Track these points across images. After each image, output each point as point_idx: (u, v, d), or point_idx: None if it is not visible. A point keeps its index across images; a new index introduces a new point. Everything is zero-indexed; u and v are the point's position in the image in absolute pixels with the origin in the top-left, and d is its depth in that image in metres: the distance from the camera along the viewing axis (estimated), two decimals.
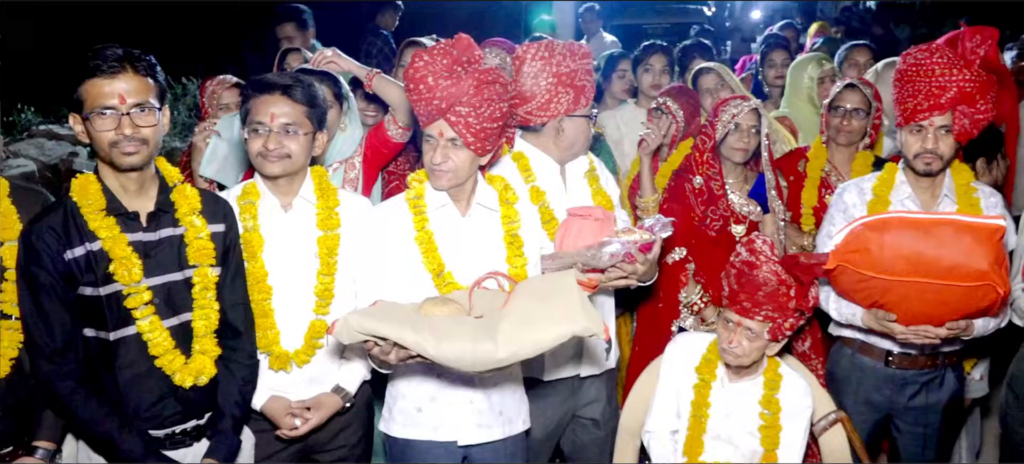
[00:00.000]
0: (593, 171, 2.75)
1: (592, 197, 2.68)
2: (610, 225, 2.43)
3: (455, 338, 1.91)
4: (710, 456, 2.43)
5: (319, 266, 2.30)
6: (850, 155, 3.19)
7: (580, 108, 2.57)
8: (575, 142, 2.62)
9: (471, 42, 2.27)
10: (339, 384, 2.35)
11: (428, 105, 2.18)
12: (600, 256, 2.29)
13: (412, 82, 2.19)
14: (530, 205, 2.54)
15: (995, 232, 2.20)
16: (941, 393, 2.63)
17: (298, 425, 2.26)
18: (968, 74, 2.40)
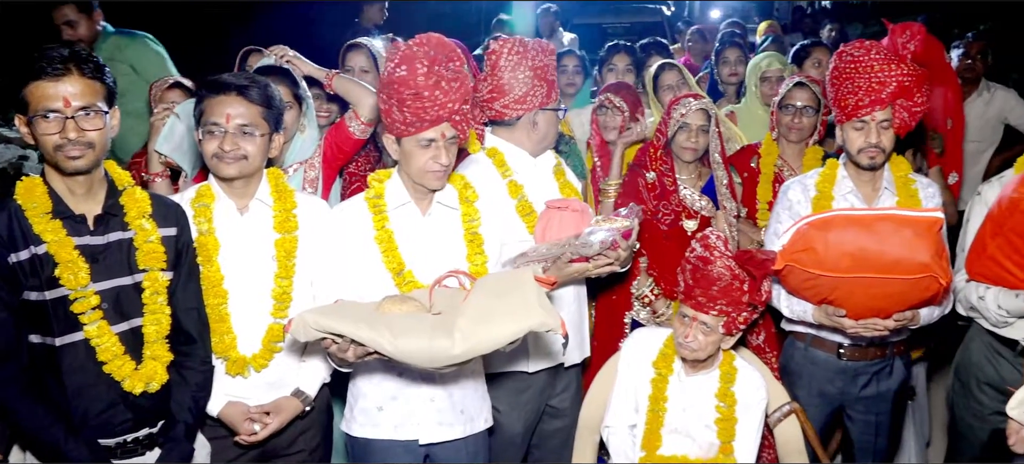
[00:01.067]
0: (560, 166, 2.79)
1: (560, 191, 2.71)
2: (587, 215, 2.47)
3: (412, 335, 1.91)
4: (668, 449, 2.45)
5: (277, 269, 2.27)
6: (800, 151, 3.26)
7: (552, 101, 2.62)
8: (547, 135, 2.66)
9: (451, 43, 2.30)
10: (299, 387, 2.32)
11: (439, 110, 2.20)
12: (590, 244, 2.32)
13: (420, 89, 2.18)
14: (508, 199, 2.57)
15: (934, 225, 2.25)
16: (891, 382, 2.69)
17: (257, 430, 2.23)
18: (905, 68, 2.45)
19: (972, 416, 2.66)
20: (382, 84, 2.25)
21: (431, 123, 2.21)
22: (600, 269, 2.41)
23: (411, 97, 2.18)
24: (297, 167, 2.95)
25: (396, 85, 2.19)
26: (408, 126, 2.21)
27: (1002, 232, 2.38)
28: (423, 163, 2.24)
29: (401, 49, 2.23)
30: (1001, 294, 2.45)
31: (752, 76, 4.09)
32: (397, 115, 2.21)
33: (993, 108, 4.47)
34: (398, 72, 2.19)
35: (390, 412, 2.31)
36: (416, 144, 2.24)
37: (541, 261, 2.35)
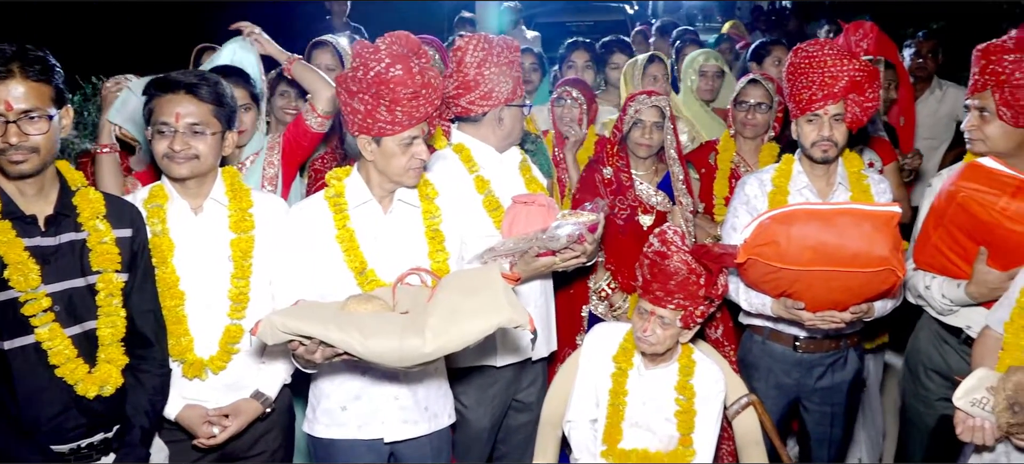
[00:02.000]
0: (525, 162, 2.81)
1: (527, 186, 2.73)
2: (554, 210, 2.49)
3: (382, 335, 1.92)
4: (629, 443, 2.47)
5: (233, 269, 2.25)
6: (756, 147, 3.32)
7: (517, 97, 2.63)
8: (512, 131, 2.68)
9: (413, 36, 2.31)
10: (259, 389, 2.30)
11: (427, 108, 2.21)
12: (557, 237, 2.34)
13: (417, 89, 2.17)
14: (475, 195, 2.58)
15: (892, 219, 2.31)
16: (845, 373, 2.75)
17: (216, 433, 2.21)
18: (857, 64, 2.51)
19: (920, 402, 2.72)
20: (365, 84, 2.16)
21: (418, 121, 2.21)
22: (567, 263, 2.44)
23: (408, 97, 2.16)
24: (254, 158, 2.92)
25: (391, 84, 2.15)
26: (395, 125, 2.19)
27: (942, 224, 2.45)
28: (405, 161, 2.24)
29: (383, 49, 2.20)
30: (945, 284, 2.52)
31: (689, 71, 4.15)
32: (384, 115, 2.17)
33: (945, 106, 4.59)
34: (392, 72, 2.15)
35: (354, 411, 2.30)
36: (399, 143, 2.23)
37: (509, 255, 2.37)
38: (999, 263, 2.35)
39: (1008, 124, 2.40)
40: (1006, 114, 2.39)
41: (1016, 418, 1.90)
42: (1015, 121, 2.38)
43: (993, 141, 2.44)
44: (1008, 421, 1.91)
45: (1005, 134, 2.42)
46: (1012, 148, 2.44)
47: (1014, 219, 2.27)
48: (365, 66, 2.17)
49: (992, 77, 2.40)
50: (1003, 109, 2.39)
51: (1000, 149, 2.44)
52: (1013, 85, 2.35)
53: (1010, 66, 2.37)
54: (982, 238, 2.37)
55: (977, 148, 2.49)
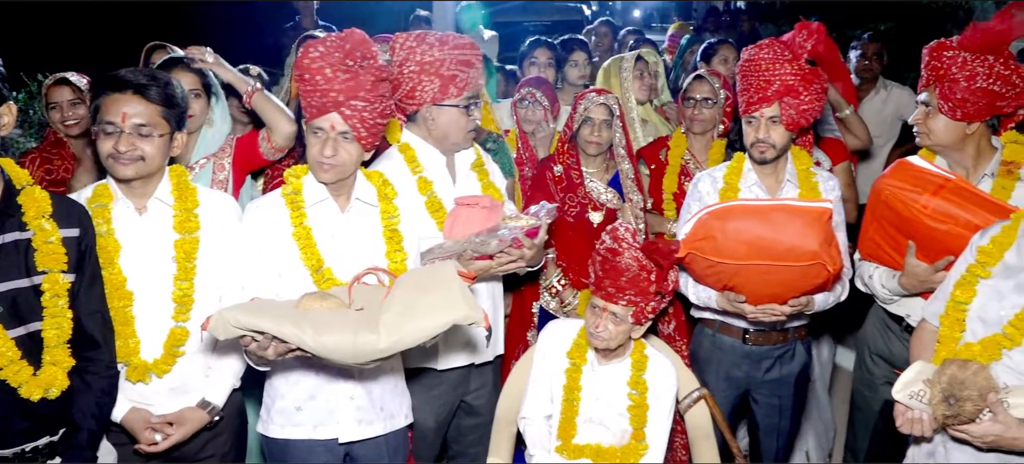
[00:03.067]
0: (481, 164, 2.78)
1: (482, 189, 2.71)
2: (497, 213, 2.49)
3: (336, 330, 1.90)
4: (583, 438, 2.50)
5: (176, 271, 2.21)
6: (706, 143, 3.39)
7: (448, 98, 2.54)
8: (448, 132, 2.61)
9: (365, 37, 2.26)
10: (205, 398, 2.26)
11: (323, 97, 2.16)
12: (488, 242, 2.34)
13: (307, 72, 2.15)
14: (417, 196, 2.56)
15: (822, 214, 2.37)
16: (793, 365, 2.82)
17: (158, 441, 2.17)
18: (790, 68, 2.56)
19: (865, 386, 2.83)
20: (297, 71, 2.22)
21: (319, 110, 2.19)
22: (504, 267, 2.43)
23: (305, 81, 2.17)
24: (204, 163, 2.89)
25: (296, 68, 2.19)
26: (306, 110, 2.21)
27: (876, 218, 2.55)
28: (314, 152, 2.23)
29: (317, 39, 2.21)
30: (884, 274, 2.62)
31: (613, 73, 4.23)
32: (302, 100, 2.21)
33: (890, 106, 4.71)
34: (300, 56, 2.19)
35: (309, 411, 2.29)
36: (310, 132, 2.23)
37: (446, 257, 2.36)
38: (926, 257, 2.44)
39: (948, 117, 2.47)
40: (945, 107, 2.46)
41: (950, 410, 1.96)
42: (952, 114, 2.46)
43: (937, 134, 2.51)
44: (943, 413, 1.97)
45: (947, 128, 2.49)
46: (955, 141, 2.51)
47: (933, 217, 2.36)
48: None
49: (934, 73, 2.48)
50: (942, 103, 2.46)
51: (944, 142, 2.52)
52: (950, 80, 2.43)
53: (948, 62, 2.45)
54: (907, 233, 2.46)
55: (923, 142, 2.56)
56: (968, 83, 2.42)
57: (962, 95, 2.43)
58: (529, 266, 2.56)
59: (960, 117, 2.47)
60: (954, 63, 2.44)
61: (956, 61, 2.44)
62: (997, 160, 2.54)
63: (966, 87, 2.43)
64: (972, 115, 2.46)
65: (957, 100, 2.44)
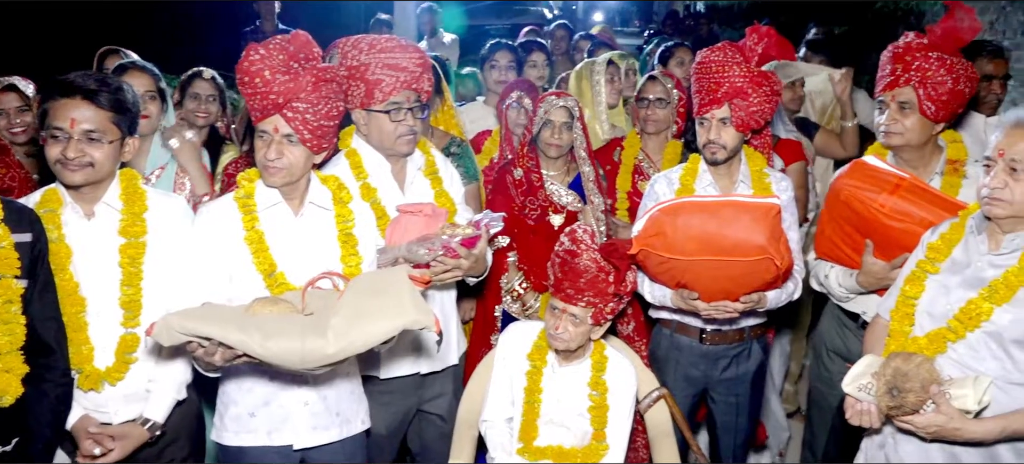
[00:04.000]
0: (433, 170, 2.72)
1: (435, 196, 2.67)
2: (438, 220, 2.47)
3: (283, 335, 1.89)
4: (544, 440, 2.51)
5: (122, 276, 2.18)
6: (661, 143, 3.43)
7: (374, 103, 2.50)
8: (382, 138, 2.56)
9: (309, 38, 2.24)
10: (145, 415, 2.22)
11: (263, 99, 2.14)
12: (417, 251, 2.33)
13: (246, 75, 2.13)
14: (362, 202, 2.53)
15: (770, 210, 2.41)
16: (749, 364, 2.86)
17: (96, 454, 2.12)
18: (739, 71, 2.61)
19: (823, 384, 2.88)
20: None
21: (262, 113, 2.17)
22: (440, 277, 2.42)
23: (246, 84, 2.15)
24: (160, 173, 2.87)
25: (237, 71, 2.16)
26: (251, 114, 2.19)
27: (833, 218, 2.60)
28: (260, 156, 2.21)
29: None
30: (841, 273, 2.68)
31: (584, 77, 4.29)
32: (246, 103, 2.19)
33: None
34: (240, 59, 2.16)
35: (263, 417, 2.27)
36: (257, 135, 2.21)
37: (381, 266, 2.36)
38: (883, 255, 2.50)
39: (929, 118, 2.52)
40: (930, 108, 2.50)
41: (894, 401, 2.01)
42: (935, 115, 2.51)
43: (910, 134, 2.55)
44: (887, 405, 2.03)
45: (922, 127, 2.54)
46: (923, 141, 2.57)
47: (891, 215, 2.42)
48: None
49: (917, 73, 2.51)
50: (928, 104, 2.50)
51: (915, 142, 2.57)
52: (936, 81, 2.48)
53: (933, 63, 2.49)
54: (866, 232, 2.51)
55: (892, 141, 2.59)
56: (953, 84, 2.48)
57: (946, 96, 2.49)
58: (473, 276, 2.55)
59: (940, 117, 2.52)
60: (939, 64, 2.49)
61: (941, 62, 2.49)
62: (943, 159, 2.62)
63: (951, 88, 2.48)
64: (946, 115, 2.53)
65: (941, 101, 2.49)
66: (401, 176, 2.67)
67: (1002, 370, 2.01)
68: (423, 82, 2.53)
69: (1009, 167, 1.98)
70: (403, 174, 2.67)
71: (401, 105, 2.51)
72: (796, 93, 4.03)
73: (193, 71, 3.43)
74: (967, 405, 1.96)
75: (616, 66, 4.11)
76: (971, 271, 2.10)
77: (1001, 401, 2.00)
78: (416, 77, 2.51)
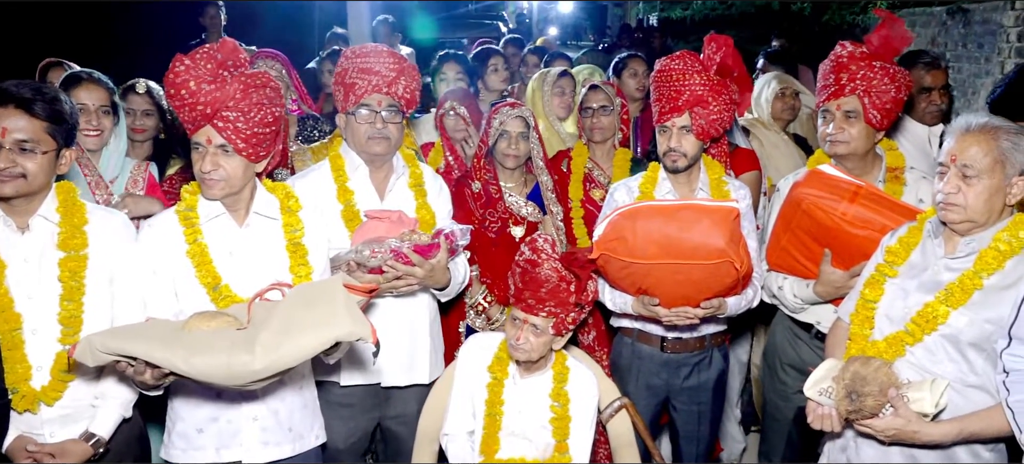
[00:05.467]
0: (420, 183, 2.70)
1: (417, 209, 2.65)
2: (401, 227, 2.43)
3: (209, 352, 1.81)
4: (506, 452, 2.47)
5: (62, 291, 2.08)
6: (608, 151, 3.44)
7: (349, 105, 2.54)
8: (355, 140, 2.57)
9: (236, 45, 2.18)
10: (89, 430, 2.12)
11: (192, 111, 2.07)
12: (363, 252, 2.28)
13: (172, 88, 2.06)
14: (336, 204, 2.51)
15: (729, 214, 2.42)
16: (710, 372, 2.86)
17: None
18: (699, 79, 2.62)
19: (778, 396, 2.88)
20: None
21: (193, 125, 2.11)
22: (391, 284, 2.38)
23: (173, 96, 2.08)
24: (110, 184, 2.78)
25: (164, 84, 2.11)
26: (184, 126, 2.13)
27: (790, 228, 2.60)
28: (197, 169, 2.15)
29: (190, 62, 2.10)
30: (796, 284, 2.68)
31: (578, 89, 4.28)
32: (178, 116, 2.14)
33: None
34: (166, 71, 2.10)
35: (211, 434, 2.19)
36: (193, 148, 2.15)
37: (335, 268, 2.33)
38: (842, 263, 2.51)
39: (873, 126, 2.57)
40: (875, 117, 2.55)
41: (853, 405, 2.02)
42: (879, 123, 2.56)
43: (856, 142, 2.59)
44: (847, 408, 2.04)
45: (867, 135, 2.59)
46: (867, 149, 2.62)
47: (853, 223, 2.44)
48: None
49: (863, 83, 2.55)
50: (873, 112, 2.54)
51: (860, 150, 2.61)
52: (880, 90, 2.53)
53: (878, 72, 2.54)
54: (826, 241, 2.52)
55: (838, 150, 2.62)
56: (896, 92, 2.54)
57: (890, 104, 2.54)
58: (436, 288, 2.51)
59: (884, 125, 2.57)
60: (883, 73, 2.54)
61: (884, 71, 2.54)
62: (884, 167, 2.67)
63: (894, 96, 2.54)
64: (889, 123, 2.58)
65: (885, 109, 2.54)
66: (382, 184, 2.65)
67: (958, 373, 2.04)
68: (397, 86, 2.52)
69: (961, 173, 2.01)
70: (384, 182, 2.65)
71: (371, 106, 2.52)
72: (787, 102, 4.08)
73: (126, 85, 3.28)
74: (924, 408, 1.98)
75: (572, 78, 4.11)
76: (928, 274, 2.12)
77: (958, 403, 2.02)
78: (389, 81, 2.51)
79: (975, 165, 1.99)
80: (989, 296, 2.01)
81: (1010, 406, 1.91)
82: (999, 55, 5.98)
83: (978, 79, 6.28)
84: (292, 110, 3.78)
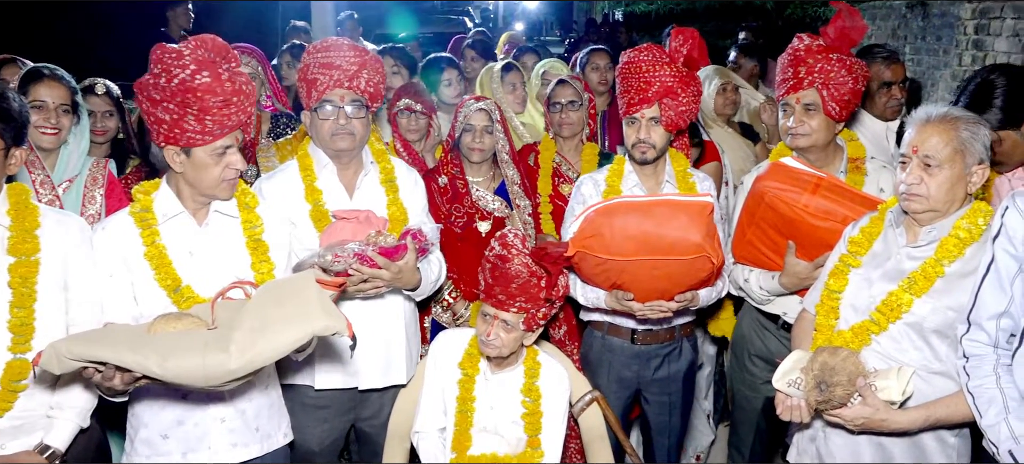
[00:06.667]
0: (391, 179, 2.65)
1: (388, 205, 2.60)
2: (368, 228, 2.39)
3: (183, 353, 1.77)
4: (478, 449, 2.46)
5: (12, 297, 1.99)
6: (576, 146, 3.43)
7: (312, 102, 2.49)
8: (319, 137, 2.53)
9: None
10: (45, 442, 2.04)
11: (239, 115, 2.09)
12: (325, 257, 2.25)
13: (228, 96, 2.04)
14: (304, 204, 2.48)
15: (705, 209, 2.43)
16: (681, 363, 2.87)
17: None
18: (669, 70, 2.62)
19: (746, 387, 2.90)
20: (169, 91, 2.01)
21: (230, 130, 2.08)
22: (358, 287, 2.35)
23: (218, 105, 2.02)
24: (67, 186, 2.71)
25: (198, 92, 2.01)
26: (205, 135, 2.05)
27: (755, 221, 2.61)
28: (219, 173, 2.11)
29: (188, 54, 2.04)
30: (762, 276, 2.70)
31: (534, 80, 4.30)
32: (192, 124, 2.03)
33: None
34: (199, 79, 2.01)
35: (177, 438, 2.14)
36: (211, 153, 2.09)
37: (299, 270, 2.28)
38: (806, 255, 2.53)
39: (833, 118, 2.59)
40: (834, 108, 2.57)
41: (822, 395, 2.04)
42: (838, 115, 2.58)
43: (816, 134, 2.61)
44: (816, 399, 2.05)
45: (827, 127, 2.61)
46: (827, 141, 2.64)
47: (815, 215, 2.46)
48: (168, 72, 2.01)
49: (821, 75, 2.57)
50: (832, 104, 2.56)
51: (821, 142, 2.63)
52: (837, 82, 2.54)
53: (835, 64, 2.56)
54: (789, 233, 2.54)
55: (799, 143, 2.64)
56: (854, 83, 2.56)
57: (848, 95, 2.56)
58: (405, 288, 2.48)
59: (843, 116, 2.59)
60: (840, 65, 2.56)
61: (842, 63, 2.56)
62: (845, 158, 2.70)
63: (852, 88, 2.56)
64: (847, 114, 2.60)
65: (844, 101, 2.56)
66: (351, 181, 2.60)
67: (923, 360, 2.07)
68: (359, 80, 2.47)
69: (923, 163, 2.04)
70: (353, 180, 2.60)
71: (333, 102, 2.47)
72: (728, 97, 4.10)
73: (84, 85, 3.16)
74: (892, 396, 2.00)
75: (517, 70, 4.11)
76: (891, 263, 2.15)
77: (923, 390, 2.05)
78: (350, 75, 2.46)
79: (936, 155, 2.02)
80: (950, 283, 2.04)
81: (970, 391, 1.94)
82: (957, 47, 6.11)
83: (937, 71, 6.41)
84: (265, 107, 3.73)
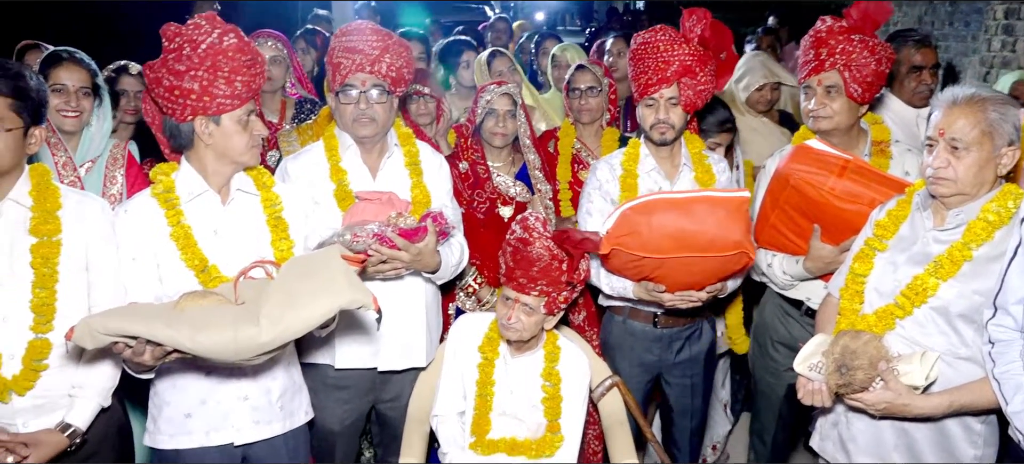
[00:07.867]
0: (416, 163, 2.64)
1: (411, 188, 2.60)
2: (389, 209, 2.40)
3: (214, 327, 1.79)
4: (497, 433, 2.46)
5: (34, 278, 2.01)
6: (596, 132, 3.41)
7: (335, 85, 2.50)
8: (342, 120, 2.54)
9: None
10: (66, 421, 2.06)
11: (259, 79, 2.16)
12: (345, 236, 2.25)
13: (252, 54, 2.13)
14: (329, 183, 2.50)
15: (743, 204, 2.41)
16: (701, 344, 2.85)
17: (9, 462, 1.97)
18: (688, 49, 2.60)
19: (769, 374, 2.88)
20: (196, 59, 2.03)
21: (255, 93, 2.13)
22: (377, 268, 2.35)
23: (246, 64, 2.07)
24: (90, 166, 2.73)
25: (229, 53, 2.05)
26: (234, 99, 2.08)
27: (779, 205, 2.58)
28: (248, 139, 2.15)
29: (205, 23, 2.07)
30: (785, 261, 2.67)
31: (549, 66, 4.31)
32: (222, 89, 2.06)
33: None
34: (227, 40, 2.06)
35: (200, 417, 2.16)
36: (238, 120, 2.12)
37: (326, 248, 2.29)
38: (831, 239, 2.50)
39: (855, 100, 2.55)
40: (856, 90, 2.53)
41: (843, 379, 2.02)
42: (861, 97, 2.55)
43: (839, 117, 2.58)
44: (837, 382, 2.03)
45: (849, 109, 2.57)
46: (850, 123, 2.61)
47: (842, 198, 2.42)
48: (192, 42, 2.05)
49: (842, 57, 2.53)
50: (854, 86, 2.53)
51: (844, 125, 2.59)
52: (860, 63, 2.51)
53: (857, 45, 2.52)
54: (815, 217, 2.51)
55: (822, 125, 2.60)
56: (877, 65, 2.52)
57: (871, 77, 2.52)
58: (425, 270, 2.47)
59: (866, 98, 2.56)
60: (862, 46, 2.52)
61: (864, 44, 2.52)
62: (869, 141, 2.66)
63: (875, 69, 2.52)
64: (871, 96, 2.57)
65: (866, 83, 2.53)
66: (375, 163, 2.60)
67: (948, 345, 2.04)
68: (381, 65, 2.45)
69: (950, 146, 2.01)
70: (377, 162, 2.60)
71: (356, 86, 2.47)
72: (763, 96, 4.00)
73: (119, 65, 3.26)
74: (915, 381, 1.98)
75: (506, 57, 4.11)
76: (917, 247, 2.12)
77: (948, 375, 2.03)
78: (372, 59, 2.45)
79: (963, 138, 1.98)
80: (978, 267, 2.01)
81: (996, 377, 1.92)
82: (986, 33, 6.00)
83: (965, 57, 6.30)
84: (290, 93, 3.74)
